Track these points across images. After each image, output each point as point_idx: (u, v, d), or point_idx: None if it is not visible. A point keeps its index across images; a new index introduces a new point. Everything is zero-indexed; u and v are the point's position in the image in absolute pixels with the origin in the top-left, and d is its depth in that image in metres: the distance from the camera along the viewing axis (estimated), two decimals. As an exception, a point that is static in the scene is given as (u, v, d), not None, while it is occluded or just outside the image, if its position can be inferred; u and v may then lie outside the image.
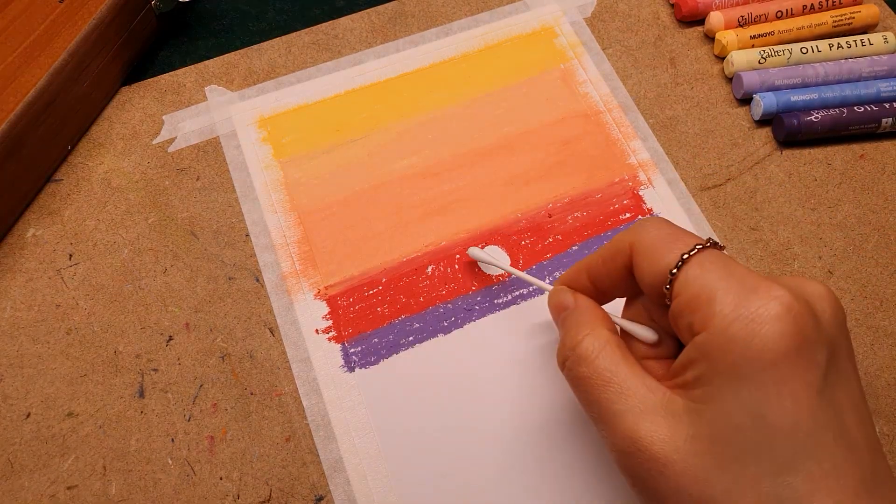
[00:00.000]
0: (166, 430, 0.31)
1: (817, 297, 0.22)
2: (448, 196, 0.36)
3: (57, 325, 0.33)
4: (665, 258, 0.24)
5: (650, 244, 0.24)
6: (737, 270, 0.22)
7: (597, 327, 0.25)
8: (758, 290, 0.21)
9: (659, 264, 0.24)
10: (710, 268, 0.22)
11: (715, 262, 0.23)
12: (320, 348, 0.32)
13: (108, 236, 0.35)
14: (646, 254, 0.24)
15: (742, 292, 0.21)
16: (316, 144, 0.37)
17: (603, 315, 0.26)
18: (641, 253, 0.25)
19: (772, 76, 0.39)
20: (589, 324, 0.26)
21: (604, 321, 0.26)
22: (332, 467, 0.30)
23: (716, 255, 0.23)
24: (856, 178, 0.38)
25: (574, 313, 0.27)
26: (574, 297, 0.27)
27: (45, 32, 0.34)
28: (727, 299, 0.21)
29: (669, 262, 0.23)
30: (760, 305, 0.21)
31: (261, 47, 0.40)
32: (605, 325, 0.26)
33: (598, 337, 0.25)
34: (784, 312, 0.21)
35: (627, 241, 0.25)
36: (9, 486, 0.30)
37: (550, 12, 0.42)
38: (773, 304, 0.21)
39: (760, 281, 0.22)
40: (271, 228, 0.35)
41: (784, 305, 0.21)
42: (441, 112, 0.39)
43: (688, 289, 0.22)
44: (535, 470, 0.30)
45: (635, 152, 0.38)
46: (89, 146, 0.37)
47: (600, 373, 0.24)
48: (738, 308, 0.21)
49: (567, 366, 0.26)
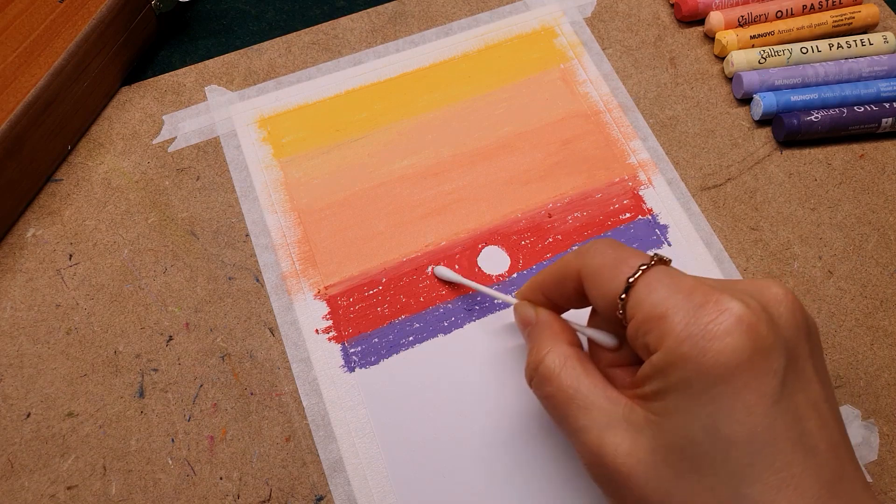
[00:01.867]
0: (166, 430, 0.31)
1: (773, 301, 0.22)
2: (448, 196, 0.36)
3: (57, 325, 0.33)
4: (612, 283, 0.24)
5: (596, 271, 0.24)
6: (685, 284, 0.22)
7: (557, 343, 0.26)
8: (706, 304, 0.21)
9: (608, 291, 0.24)
10: (657, 287, 0.22)
11: (662, 280, 0.23)
12: (320, 348, 0.33)
13: (108, 236, 0.35)
14: (593, 281, 0.24)
15: (691, 309, 0.21)
16: (316, 144, 0.38)
17: (563, 328, 0.27)
18: (589, 280, 0.25)
19: (772, 76, 0.39)
20: (550, 340, 0.26)
21: (564, 335, 0.26)
22: (332, 467, 0.30)
23: (662, 272, 0.23)
24: (856, 178, 0.38)
25: (535, 329, 0.27)
26: (536, 312, 0.28)
27: (45, 32, 0.34)
28: (676, 318, 0.21)
29: (616, 287, 0.23)
30: (710, 321, 0.21)
31: (261, 47, 0.40)
32: (565, 339, 0.26)
33: (559, 353, 0.25)
34: (734, 325, 0.21)
35: (574, 267, 0.25)
36: (9, 486, 0.30)
37: (550, 12, 0.42)
38: (722, 318, 0.21)
39: (710, 294, 0.22)
40: (271, 228, 0.35)
41: (734, 317, 0.21)
42: (441, 112, 0.39)
43: (639, 311, 0.23)
44: (535, 470, 0.30)
45: (635, 152, 0.38)
46: (89, 146, 0.37)
47: (563, 389, 0.24)
48: (688, 326, 0.21)
49: (533, 384, 0.26)
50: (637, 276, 0.23)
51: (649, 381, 0.22)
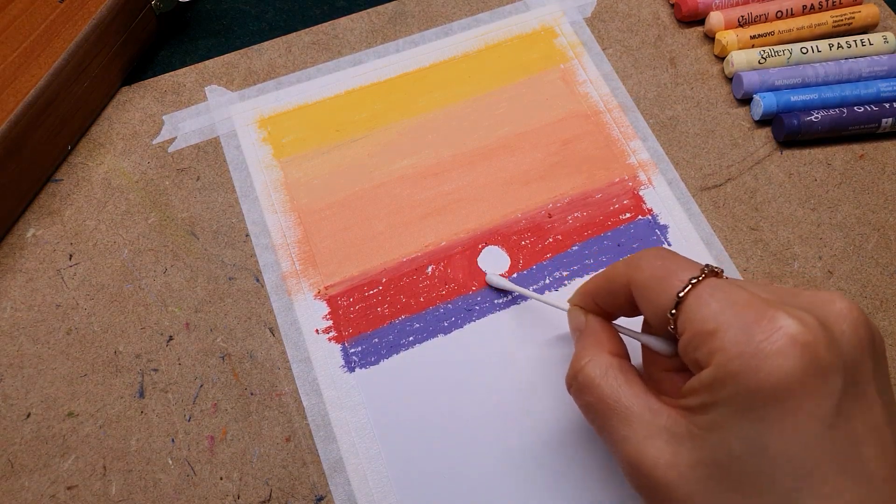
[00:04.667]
0: (166, 430, 0.31)
1: (836, 317, 0.21)
2: (448, 196, 0.36)
3: (57, 325, 0.33)
4: (662, 298, 0.23)
5: (645, 284, 0.24)
6: (738, 298, 0.21)
7: (599, 353, 0.25)
8: (760, 321, 0.20)
9: (658, 305, 0.23)
10: (709, 301, 0.22)
11: (714, 294, 0.22)
12: (320, 348, 0.33)
13: (108, 236, 0.35)
14: (643, 295, 0.24)
15: (743, 325, 0.21)
16: (316, 144, 0.37)
17: (609, 336, 0.26)
18: (639, 294, 0.24)
19: (772, 76, 0.39)
20: (592, 348, 0.25)
21: (608, 344, 0.26)
22: (332, 467, 0.30)
23: (714, 285, 0.22)
24: (856, 178, 0.38)
25: (582, 336, 0.27)
26: (586, 318, 0.27)
27: (45, 32, 0.34)
28: (728, 335, 0.21)
29: (666, 302, 0.23)
30: (763, 339, 0.20)
31: (261, 47, 0.40)
32: (608, 348, 0.25)
33: (599, 363, 0.25)
34: (788, 345, 0.20)
35: (624, 279, 0.25)
36: (9, 486, 0.30)
37: (550, 12, 0.42)
38: (776, 337, 0.20)
39: (765, 310, 0.21)
40: (271, 228, 0.35)
41: (788, 336, 0.20)
42: (441, 112, 0.39)
43: (690, 326, 0.22)
44: (535, 470, 0.30)
45: (635, 152, 0.38)
46: (89, 146, 0.37)
47: (603, 399, 0.24)
48: (740, 344, 0.20)
49: (572, 391, 0.26)
50: (687, 291, 0.22)
51: (696, 394, 0.22)
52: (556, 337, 0.33)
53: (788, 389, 0.20)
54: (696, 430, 0.22)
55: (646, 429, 0.23)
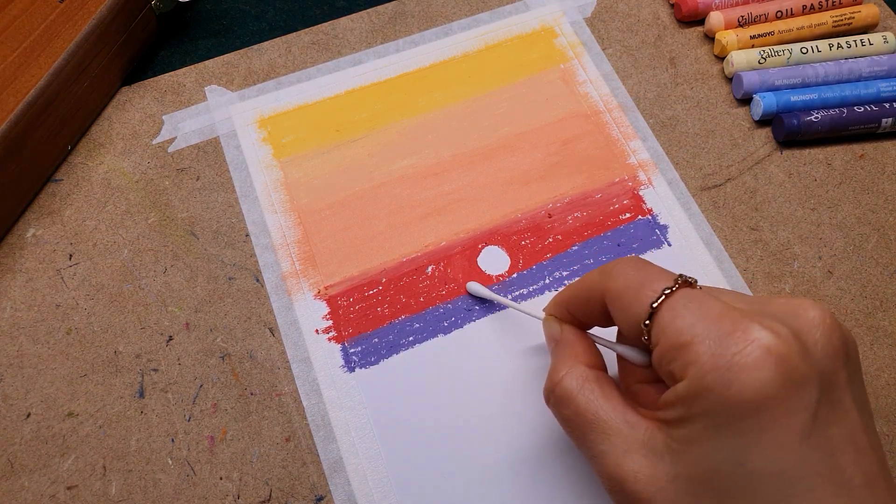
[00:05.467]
0: (166, 430, 0.31)
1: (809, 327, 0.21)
2: (448, 196, 0.36)
3: (57, 325, 0.33)
4: (635, 308, 0.23)
5: (619, 294, 0.24)
6: (712, 310, 0.21)
7: (575, 364, 0.25)
8: (733, 333, 0.20)
9: (631, 315, 0.23)
10: (682, 312, 0.21)
11: (687, 305, 0.22)
12: (320, 348, 0.33)
13: (108, 236, 0.35)
14: (617, 305, 0.24)
15: (717, 338, 0.20)
16: (316, 144, 0.37)
17: (585, 348, 0.26)
18: (613, 304, 0.24)
19: (772, 76, 0.39)
20: (568, 360, 0.25)
21: (584, 355, 0.25)
22: (332, 467, 0.30)
23: (687, 296, 0.22)
24: (856, 178, 0.38)
25: (558, 347, 0.27)
26: (561, 328, 0.27)
27: (45, 32, 0.34)
28: (701, 348, 0.20)
29: (640, 312, 0.23)
30: (737, 352, 0.20)
31: (261, 47, 0.40)
32: (584, 360, 0.25)
33: (577, 376, 0.24)
34: (762, 357, 0.20)
35: (599, 289, 0.25)
36: (9, 486, 0.30)
37: (550, 12, 0.42)
38: (750, 349, 0.20)
39: (738, 321, 0.20)
40: (271, 228, 0.35)
41: (762, 349, 0.20)
42: (441, 112, 0.39)
43: (664, 338, 0.22)
44: (534, 470, 0.30)
45: (635, 152, 0.38)
46: (89, 146, 0.37)
47: (581, 413, 0.24)
48: (714, 357, 0.20)
49: (550, 404, 0.26)
50: (661, 301, 0.22)
51: (672, 407, 0.22)
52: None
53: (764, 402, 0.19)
54: (673, 444, 0.21)
55: (624, 443, 0.22)
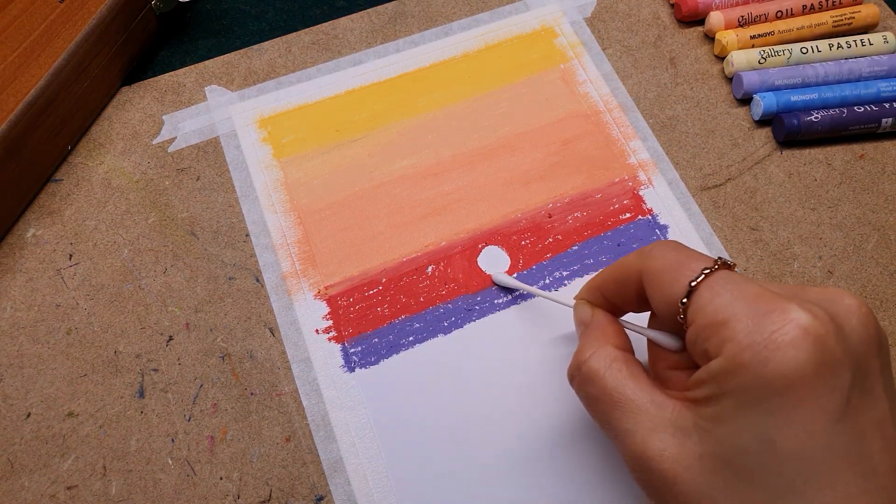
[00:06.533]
0: (166, 430, 0.31)
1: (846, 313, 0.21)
2: (448, 196, 0.36)
3: (57, 325, 0.33)
4: (674, 287, 0.23)
5: (657, 274, 0.24)
6: (750, 291, 0.21)
7: (603, 345, 0.25)
8: (772, 312, 0.20)
9: (669, 294, 0.23)
10: (721, 292, 0.22)
11: (726, 285, 0.22)
12: (320, 348, 0.33)
13: (108, 236, 0.35)
14: (655, 284, 0.24)
15: (755, 316, 0.21)
16: (316, 144, 0.37)
17: (615, 331, 0.26)
18: (650, 283, 0.24)
19: (772, 76, 0.39)
20: (597, 341, 0.25)
21: (614, 338, 0.26)
22: (332, 467, 0.30)
23: (726, 277, 0.22)
24: (856, 178, 0.38)
25: (587, 330, 0.27)
26: (592, 312, 0.27)
27: (45, 32, 0.34)
28: (739, 325, 0.21)
29: (678, 291, 0.23)
30: (774, 330, 0.20)
31: (261, 47, 0.40)
32: (613, 341, 0.25)
33: (604, 356, 0.25)
34: (800, 337, 0.20)
35: (635, 269, 0.25)
36: (9, 486, 0.30)
37: (550, 12, 0.42)
38: (787, 328, 0.20)
39: (776, 302, 0.21)
40: (271, 228, 0.35)
41: (800, 328, 0.20)
42: (441, 112, 0.39)
43: (701, 316, 0.22)
44: (535, 470, 0.30)
45: (635, 152, 0.38)
46: (89, 146, 0.37)
47: (607, 391, 0.24)
48: (751, 334, 0.20)
49: (575, 383, 0.26)
50: (700, 280, 0.22)
51: (703, 385, 0.22)
52: (557, 337, 0.33)
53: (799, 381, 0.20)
54: (702, 422, 0.21)
55: (650, 421, 0.22)
